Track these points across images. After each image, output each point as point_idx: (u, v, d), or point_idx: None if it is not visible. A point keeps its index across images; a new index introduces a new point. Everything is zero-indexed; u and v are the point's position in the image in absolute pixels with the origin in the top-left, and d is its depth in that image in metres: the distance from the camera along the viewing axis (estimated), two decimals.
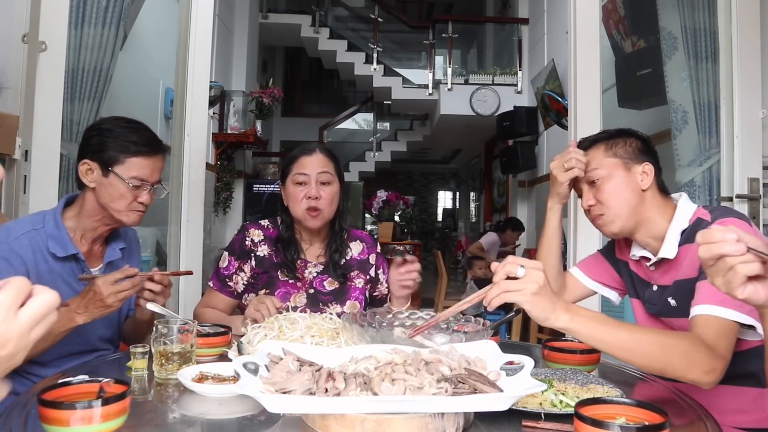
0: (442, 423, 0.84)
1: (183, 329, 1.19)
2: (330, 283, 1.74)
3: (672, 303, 1.30)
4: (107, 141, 1.43)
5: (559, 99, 5.10)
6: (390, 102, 8.12)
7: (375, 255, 1.84)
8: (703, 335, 1.10)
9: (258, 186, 5.86)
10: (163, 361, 1.16)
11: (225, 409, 0.99)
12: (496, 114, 6.48)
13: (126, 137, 1.43)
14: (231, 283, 1.74)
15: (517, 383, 0.88)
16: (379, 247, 1.88)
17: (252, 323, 1.35)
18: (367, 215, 6.85)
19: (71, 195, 1.53)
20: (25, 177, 2.09)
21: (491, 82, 6.75)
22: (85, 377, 0.89)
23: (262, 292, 1.71)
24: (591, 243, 2.55)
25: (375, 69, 7.64)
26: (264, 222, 1.81)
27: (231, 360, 1.18)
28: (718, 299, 1.12)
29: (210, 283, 1.76)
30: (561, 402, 0.98)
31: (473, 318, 1.33)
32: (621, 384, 1.14)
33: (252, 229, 1.77)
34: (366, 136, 10.20)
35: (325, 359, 0.98)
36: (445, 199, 15.25)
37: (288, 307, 1.51)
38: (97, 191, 1.44)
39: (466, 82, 6.87)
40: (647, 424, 0.80)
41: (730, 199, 2.50)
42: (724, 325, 1.11)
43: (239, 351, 1.23)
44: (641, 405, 0.84)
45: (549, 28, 5.73)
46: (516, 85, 6.66)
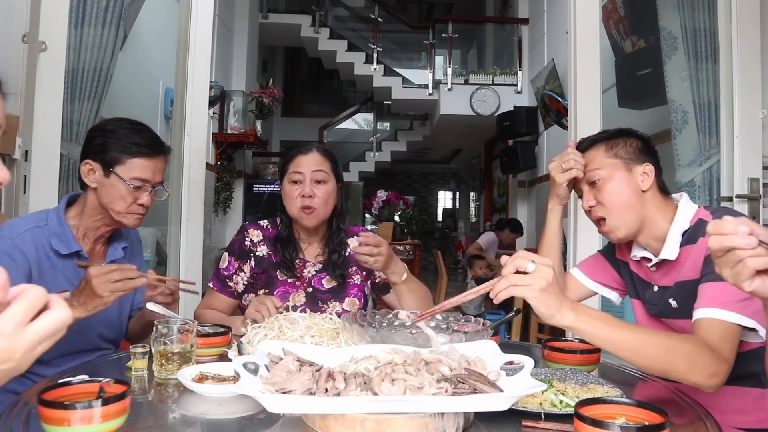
0: (442, 423, 0.84)
1: (183, 329, 1.19)
2: (328, 282, 1.74)
3: (673, 304, 1.30)
4: (109, 142, 1.43)
5: (559, 99, 5.10)
6: (390, 102, 8.12)
7: None
8: (707, 338, 1.10)
9: (258, 186, 5.86)
10: (163, 361, 1.16)
11: (225, 409, 0.99)
12: (496, 114, 6.48)
13: (128, 138, 1.44)
14: (231, 284, 1.74)
15: (517, 383, 0.88)
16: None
17: (252, 323, 1.35)
18: (367, 215, 6.84)
19: (73, 194, 1.53)
20: (25, 177, 2.09)
21: (491, 82, 6.75)
22: (85, 377, 0.89)
23: (261, 291, 1.71)
24: (591, 243, 2.55)
25: (375, 69, 7.64)
26: (263, 222, 1.81)
27: (231, 360, 1.18)
28: (721, 302, 1.12)
29: (210, 284, 1.77)
30: (561, 402, 0.98)
31: (473, 318, 1.33)
32: (621, 384, 1.13)
33: (251, 230, 1.78)
34: (366, 136, 10.20)
35: (325, 359, 0.98)
36: (445, 199, 15.24)
37: (288, 307, 1.51)
38: (99, 191, 1.44)
39: (466, 82, 6.87)
40: (647, 424, 0.80)
41: (730, 199, 2.50)
42: (727, 328, 1.10)
43: (239, 351, 1.23)
44: (641, 405, 0.84)
45: (549, 28, 5.73)
46: (516, 85, 6.66)
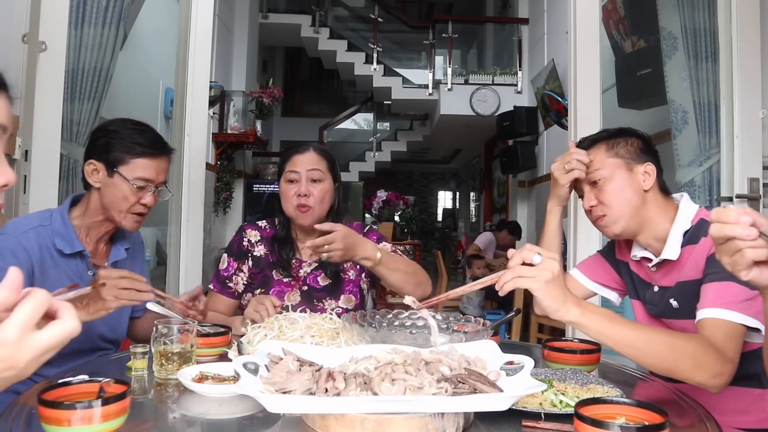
0: (442, 423, 0.84)
1: (183, 329, 1.19)
2: (323, 279, 1.74)
3: (674, 304, 1.30)
4: (113, 142, 1.45)
5: (559, 99, 5.10)
6: (390, 102, 8.12)
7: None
8: (711, 338, 1.09)
9: (258, 186, 5.86)
10: (163, 361, 1.16)
11: (225, 409, 0.99)
12: (496, 114, 6.48)
13: (132, 138, 1.45)
14: (231, 284, 1.75)
15: (517, 383, 0.88)
16: (369, 228, 1.83)
17: (251, 324, 1.35)
18: (367, 215, 6.84)
19: (77, 194, 1.55)
20: (25, 177, 2.09)
21: (491, 82, 6.75)
22: (85, 377, 0.89)
23: (257, 291, 1.72)
24: (591, 243, 2.55)
25: (375, 69, 7.64)
26: (261, 222, 1.82)
27: (231, 360, 1.18)
28: (724, 302, 1.11)
29: (210, 286, 1.78)
30: (561, 402, 0.98)
31: (473, 318, 1.33)
32: (621, 384, 1.13)
33: (249, 230, 1.79)
34: (366, 136, 10.20)
35: (325, 359, 0.98)
36: (445, 199, 15.24)
37: (288, 307, 1.51)
38: (102, 191, 1.46)
39: (466, 82, 6.87)
40: (647, 424, 0.80)
41: (730, 199, 2.50)
42: (731, 328, 1.10)
43: (239, 351, 1.23)
44: (641, 405, 0.84)
45: (549, 28, 5.73)
46: (516, 85, 6.66)
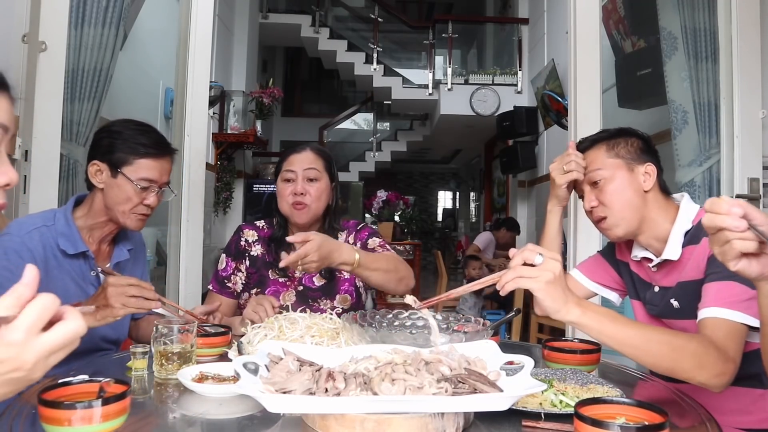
0: (442, 423, 0.84)
1: (183, 329, 1.19)
2: (319, 279, 1.74)
3: (675, 305, 1.30)
4: (116, 143, 1.45)
5: (559, 99, 5.10)
6: (390, 102, 8.12)
7: (354, 234, 1.79)
8: (713, 337, 1.09)
9: (258, 186, 5.86)
10: (163, 361, 1.16)
11: (225, 409, 0.99)
12: (496, 114, 6.48)
13: (135, 139, 1.46)
14: (230, 284, 1.75)
15: (517, 383, 0.88)
16: (363, 225, 1.82)
17: (250, 324, 1.35)
18: (367, 215, 6.84)
19: (80, 194, 1.55)
20: (25, 177, 2.09)
21: (491, 82, 6.75)
22: (85, 377, 0.89)
23: (254, 291, 1.72)
24: (591, 244, 2.55)
25: (375, 69, 7.64)
26: (259, 223, 1.82)
27: (231, 360, 1.18)
28: (726, 302, 1.11)
29: (210, 287, 1.78)
30: (561, 402, 0.98)
31: (473, 318, 1.33)
32: (621, 384, 1.13)
33: (246, 230, 1.79)
34: (366, 136, 10.20)
35: (325, 359, 0.98)
36: (445, 199, 15.24)
37: (288, 307, 1.51)
38: (106, 192, 1.46)
39: (466, 82, 6.86)
40: (647, 424, 0.80)
41: None
42: (733, 328, 1.10)
43: (239, 351, 1.23)
44: (641, 405, 0.84)
45: (549, 28, 5.73)
46: (516, 85, 6.65)
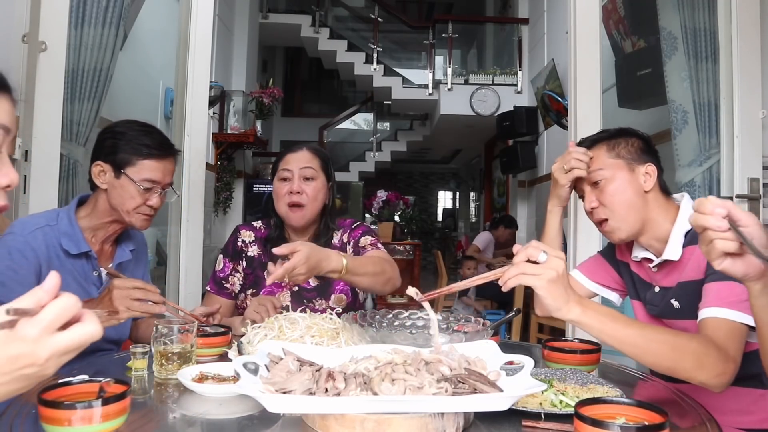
0: (442, 423, 0.84)
1: (183, 329, 1.19)
2: (313, 279, 1.73)
3: (675, 305, 1.29)
4: (120, 144, 1.46)
5: (559, 99, 5.10)
6: (390, 102, 8.11)
7: (348, 233, 1.78)
8: (714, 337, 1.09)
9: (258, 186, 5.86)
10: (163, 361, 1.16)
11: (225, 409, 0.99)
12: (496, 114, 6.48)
13: (138, 140, 1.46)
14: (228, 285, 1.75)
15: (517, 383, 0.88)
16: (358, 224, 1.81)
17: (251, 324, 1.35)
18: (367, 215, 6.85)
19: (83, 195, 1.56)
20: (25, 177, 2.09)
21: (491, 82, 6.74)
22: (85, 377, 0.89)
23: (249, 292, 1.72)
24: (591, 244, 2.55)
25: (375, 69, 7.64)
26: (256, 223, 1.81)
27: (231, 360, 1.18)
28: (727, 302, 1.11)
29: (207, 288, 1.77)
30: (561, 402, 0.98)
31: (473, 318, 1.33)
32: (621, 384, 1.13)
33: (243, 231, 1.79)
34: (366, 136, 10.19)
35: (325, 359, 0.98)
36: (445, 199, 15.23)
37: (288, 307, 1.51)
38: (109, 193, 1.47)
39: (466, 82, 6.86)
40: (647, 424, 0.80)
41: (730, 199, 2.49)
42: (733, 328, 1.10)
43: (239, 351, 1.23)
44: (641, 405, 0.84)
45: (549, 28, 5.73)
46: (516, 85, 6.65)
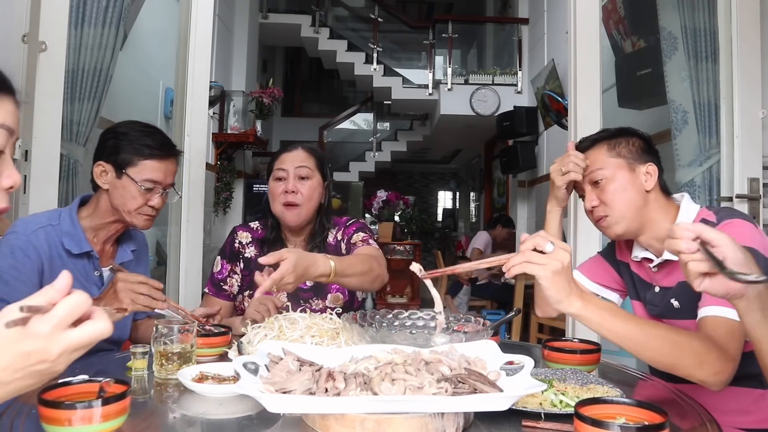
0: (442, 423, 0.84)
1: (183, 329, 1.19)
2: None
3: (675, 305, 1.29)
4: (122, 144, 1.46)
5: (559, 99, 5.10)
6: (390, 102, 8.12)
7: (342, 230, 1.78)
8: (713, 336, 1.09)
9: (258, 186, 5.85)
10: (163, 361, 1.16)
11: (225, 409, 0.99)
12: (496, 114, 6.48)
13: (140, 141, 1.46)
14: (226, 287, 1.74)
15: (517, 383, 0.88)
16: (352, 221, 1.80)
17: (252, 323, 1.35)
18: (367, 215, 6.85)
19: (85, 195, 1.56)
20: (25, 177, 2.09)
21: (491, 82, 6.74)
22: (85, 377, 0.89)
23: (246, 293, 1.72)
24: (591, 244, 2.54)
25: (375, 69, 7.64)
26: (254, 224, 1.81)
27: (231, 360, 1.18)
28: (726, 300, 1.11)
29: (206, 290, 1.77)
30: (561, 402, 0.98)
31: (473, 318, 1.33)
32: (621, 384, 1.13)
33: (240, 232, 1.79)
34: (366, 136, 10.20)
35: (325, 359, 0.98)
36: (445, 199, 15.23)
37: (288, 307, 1.51)
38: (111, 193, 1.47)
39: (466, 82, 6.86)
40: (647, 424, 0.80)
41: (730, 199, 2.50)
42: (733, 326, 1.10)
43: (239, 351, 1.23)
44: (641, 405, 0.84)
45: (549, 28, 5.73)
46: (516, 85, 6.65)
